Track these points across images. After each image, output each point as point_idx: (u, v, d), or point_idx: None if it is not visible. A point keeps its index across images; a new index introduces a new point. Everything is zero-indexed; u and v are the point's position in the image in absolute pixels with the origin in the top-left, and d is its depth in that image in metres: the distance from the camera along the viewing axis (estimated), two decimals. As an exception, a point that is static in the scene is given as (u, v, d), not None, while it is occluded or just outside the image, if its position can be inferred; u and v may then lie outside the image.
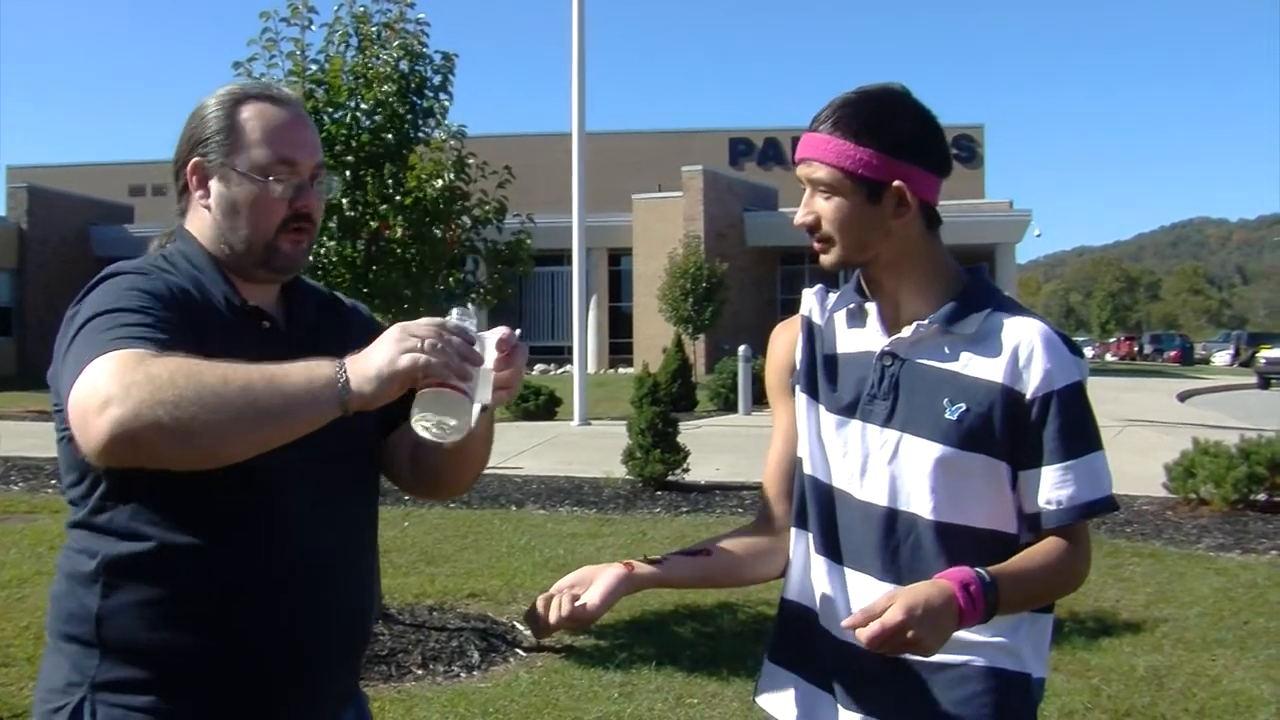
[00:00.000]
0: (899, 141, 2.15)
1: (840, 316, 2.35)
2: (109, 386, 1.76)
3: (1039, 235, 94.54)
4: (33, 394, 29.95)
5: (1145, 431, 18.60)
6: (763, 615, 7.08)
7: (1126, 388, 32.11)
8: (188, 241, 2.22)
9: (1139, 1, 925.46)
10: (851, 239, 2.21)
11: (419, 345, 1.82)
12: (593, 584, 2.19)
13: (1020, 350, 2.15)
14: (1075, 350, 2.21)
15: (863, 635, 1.95)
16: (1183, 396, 31.36)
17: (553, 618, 2.14)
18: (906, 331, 2.21)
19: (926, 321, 2.20)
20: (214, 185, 2.19)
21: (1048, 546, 2.16)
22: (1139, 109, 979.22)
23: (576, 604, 2.14)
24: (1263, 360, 42.46)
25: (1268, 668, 6.51)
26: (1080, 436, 2.17)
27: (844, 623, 2.03)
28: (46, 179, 50.61)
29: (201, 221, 2.22)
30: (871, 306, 2.28)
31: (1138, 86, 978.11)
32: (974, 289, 2.25)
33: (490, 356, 1.96)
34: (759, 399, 23.63)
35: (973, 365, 2.17)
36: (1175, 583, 8.51)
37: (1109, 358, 77.34)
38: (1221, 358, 65.96)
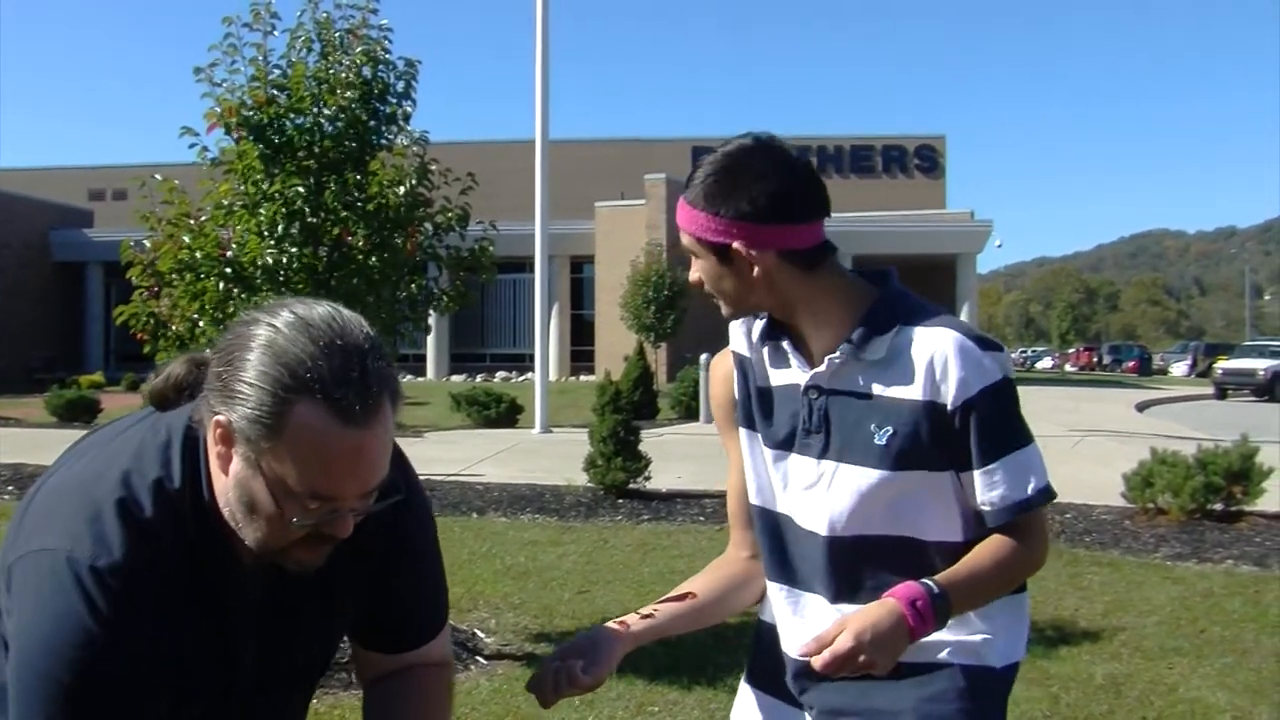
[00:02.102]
0: (732, 201, 2.18)
1: (765, 350, 2.36)
2: None
3: (1000, 246, 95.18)
4: (-11, 399, 29.69)
5: (1104, 441, 18.73)
6: (724, 624, 7.08)
7: (1085, 398, 32.32)
8: (187, 478, 1.80)
9: (1101, 15, 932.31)
10: (726, 295, 2.28)
11: None
12: (593, 651, 2.24)
13: (934, 363, 2.16)
14: (990, 347, 2.20)
15: (816, 663, 2.01)
16: (1141, 407, 31.59)
17: (559, 689, 2.19)
18: (823, 365, 2.24)
19: (837, 354, 2.21)
20: (237, 462, 1.72)
21: (995, 543, 2.19)
22: (1100, 121, 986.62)
23: (580, 674, 2.18)
24: (1220, 371, 42.90)
25: (1223, 676, 6.56)
26: (1003, 436, 2.19)
27: (799, 650, 2.10)
28: (4, 182, 50.27)
29: (218, 478, 1.78)
30: (786, 344, 2.30)
31: (1098, 99, 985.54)
32: (880, 307, 2.25)
33: None
34: (721, 407, 23.63)
35: (890, 387, 2.19)
36: (1133, 591, 8.57)
37: (1068, 368, 77.92)
38: (1179, 368, 66.45)
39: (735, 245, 2.18)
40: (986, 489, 2.17)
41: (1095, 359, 78.36)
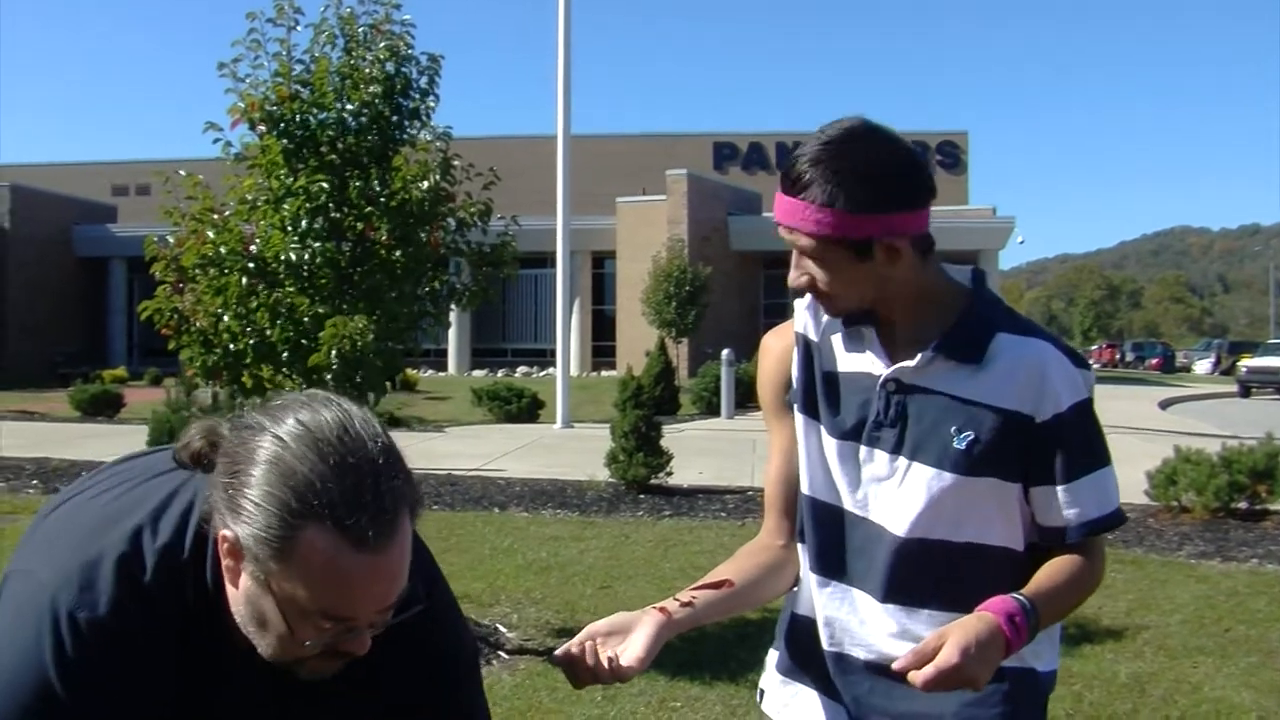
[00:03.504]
0: (877, 194, 2.04)
1: (837, 335, 2.28)
2: None
3: (1022, 242, 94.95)
4: (14, 393, 29.86)
5: (1127, 439, 18.64)
6: (744, 619, 7.07)
7: (1109, 395, 32.20)
8: (194, 556, 1.71)
9: (1123, 13, 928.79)
10: (850, 296, 2.14)
11: None
12: (631, 634, 2.11)
13: (1028, 374, 2.12)
14: (1081, 364, 2.17)
15: (917, 679, 1.92)
16: (1164, 404, 31.54)
17: (599, 677, 2.07)
18: (910, 359, 2.16)
19: (930, 351, 2.15)
20: (245, 579, 1.63)
21: (1068, 561, 2.15)
22: (1123, 117, 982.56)
23: (618, 661, 2.07)
24: (1244, 369, 42.66)
25: (1248, 675, 6.52)
26: (1088, 454, 2.15)
27: (895, 665, 1.98)
28: (29, 178, 50.52)
29: (229, 587, 1.68)
30: (869, 330, 2.22)
31: (1122, 95, 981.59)
32: (977, 309, 2.19)
33: None
34: (742, 403, 23.66)
35: (979, 392, 2.13)
36: (1157, 590, 8.53)
37: (1091, 364, 77.62)
38: (1203, 366, 66.16)
39: (882, 238, 2.07)
40: (1067, 505, 2.14)
41: (1118, 356, 78.12)
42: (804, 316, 2.33)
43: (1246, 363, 43.51)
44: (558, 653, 2.11)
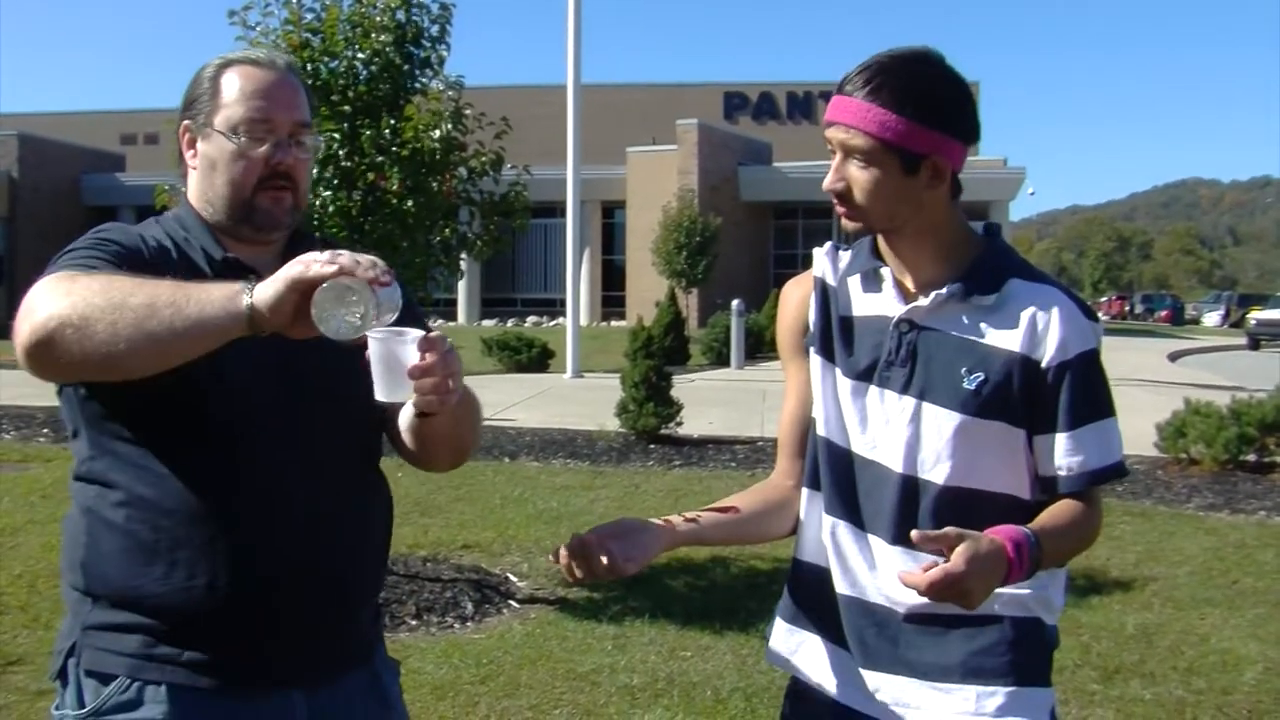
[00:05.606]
0: (938, 111, 2.12)
1: (854, 279, 2.33)
2: (35, 298, 1.90)
3: (1032, 194, 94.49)
4: (24, 341, 29.90)
5: (1136, 391, 18.62)
6: (754, 569, 7.12)
7: (1118, 347, 32.14)
8: (181, 205, 2.31)
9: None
10: (883, 209, 2.18)
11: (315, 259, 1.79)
12: (633, 538, 2.18)
13: (1037, 319, 2.15)
14: (1090, 315, 2.20)
15: (919, 580, 1.94)
16: (1173, 356, 31.43)
17: (595, 572, 2.12)
18: (924, 300, 2.20)
19: (944, 291, 2.18)
20: (200, 145, 2.24)
21: (1069, 508, 2.17)
22: (1135, 68, 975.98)
23: (623, 564, 2.12)
24: (1253, 321, 42.49)
25: (1255, 626, 6.55)
26: (1092, 404, 2.18)
27: (901, 575, 2.01)
28: (38, 127, 50.27)
29: (192, 183, 2.27)
30: (887, 271, 2.27)
31: (1133, 45, 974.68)
32: (991, 255, 2.24)
33: (411, 352, 1.97)
34: (752, 354, 23.65)
35: (990, 334, 2.17)
36: (1165, 542, 8.55)
37: (1101, 317, 77.34)
38: (1212, 318, 65.96)
39: (934, 158, 2.14)
40: (1068, 454, 2.17)
41: (1127, 308, 77.97)
42: (823, 262, 2.38)
43: (1256, 315, 43.34)
44: (559, 548, 2.15)
